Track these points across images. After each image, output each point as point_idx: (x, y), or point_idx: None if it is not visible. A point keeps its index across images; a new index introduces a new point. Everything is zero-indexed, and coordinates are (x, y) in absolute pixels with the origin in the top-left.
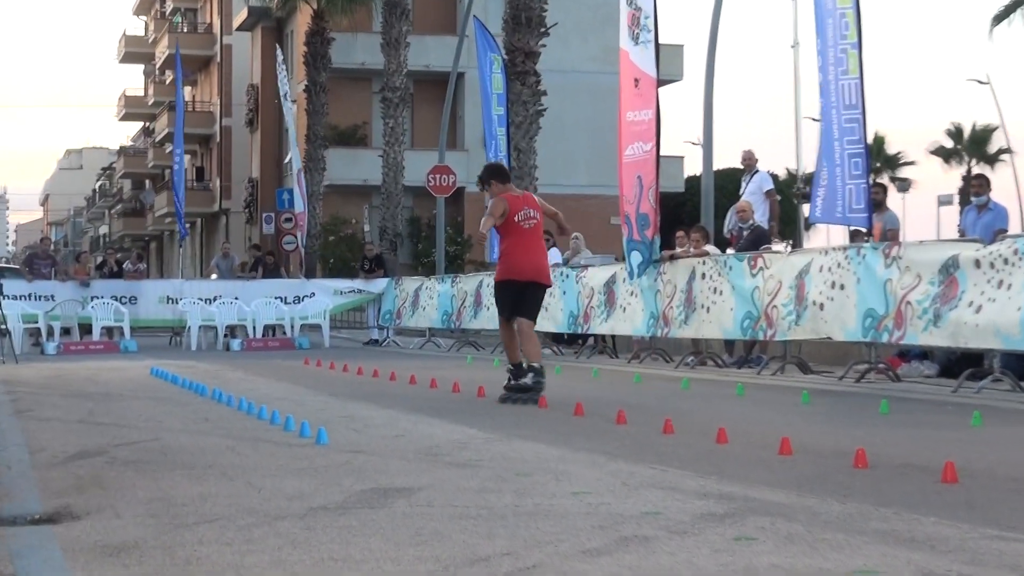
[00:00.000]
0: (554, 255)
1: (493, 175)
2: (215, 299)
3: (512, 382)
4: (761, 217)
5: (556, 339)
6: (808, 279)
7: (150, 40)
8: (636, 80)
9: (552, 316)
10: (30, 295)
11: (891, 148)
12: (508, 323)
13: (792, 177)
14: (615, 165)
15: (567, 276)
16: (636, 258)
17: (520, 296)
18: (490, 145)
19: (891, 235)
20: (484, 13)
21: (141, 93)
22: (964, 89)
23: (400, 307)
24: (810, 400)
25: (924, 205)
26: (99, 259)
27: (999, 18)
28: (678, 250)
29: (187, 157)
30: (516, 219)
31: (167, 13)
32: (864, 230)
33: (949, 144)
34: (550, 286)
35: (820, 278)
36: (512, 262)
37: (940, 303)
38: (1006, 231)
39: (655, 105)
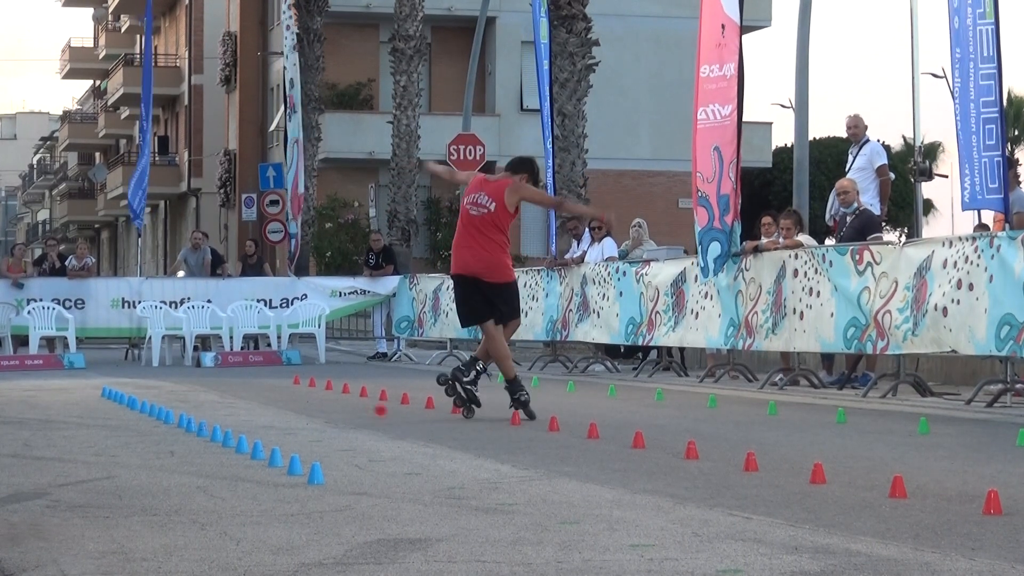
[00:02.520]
0: (609, 246)
1: (523, 168)
2: (182, 302)
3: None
4: (871, 199)
5: (611, 352)
6: (929, 277)
7: None
8: (724, 26)
9: (606, 323)
10: None
11: None
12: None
13: (908, 148)
14: (685, 134)
15: (625, 273)
16: (715, 250)
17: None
18: (543, 108)
19: (1017, 220)
20: None
21: (90, 44)
22: None
23: (420, 313)
24: (929, 429)
25: None
26: (37, 252)
27: None
28: (764, 240)
29: None
30: (464, 201)
31: None
32: (999, 214)
33: None
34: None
35: (944, 276)
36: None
37: None
38: None
39: (738, 58)
